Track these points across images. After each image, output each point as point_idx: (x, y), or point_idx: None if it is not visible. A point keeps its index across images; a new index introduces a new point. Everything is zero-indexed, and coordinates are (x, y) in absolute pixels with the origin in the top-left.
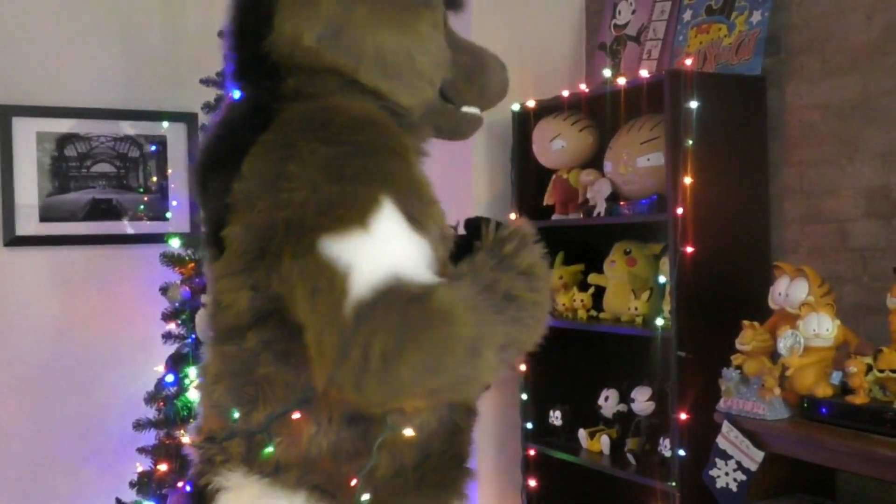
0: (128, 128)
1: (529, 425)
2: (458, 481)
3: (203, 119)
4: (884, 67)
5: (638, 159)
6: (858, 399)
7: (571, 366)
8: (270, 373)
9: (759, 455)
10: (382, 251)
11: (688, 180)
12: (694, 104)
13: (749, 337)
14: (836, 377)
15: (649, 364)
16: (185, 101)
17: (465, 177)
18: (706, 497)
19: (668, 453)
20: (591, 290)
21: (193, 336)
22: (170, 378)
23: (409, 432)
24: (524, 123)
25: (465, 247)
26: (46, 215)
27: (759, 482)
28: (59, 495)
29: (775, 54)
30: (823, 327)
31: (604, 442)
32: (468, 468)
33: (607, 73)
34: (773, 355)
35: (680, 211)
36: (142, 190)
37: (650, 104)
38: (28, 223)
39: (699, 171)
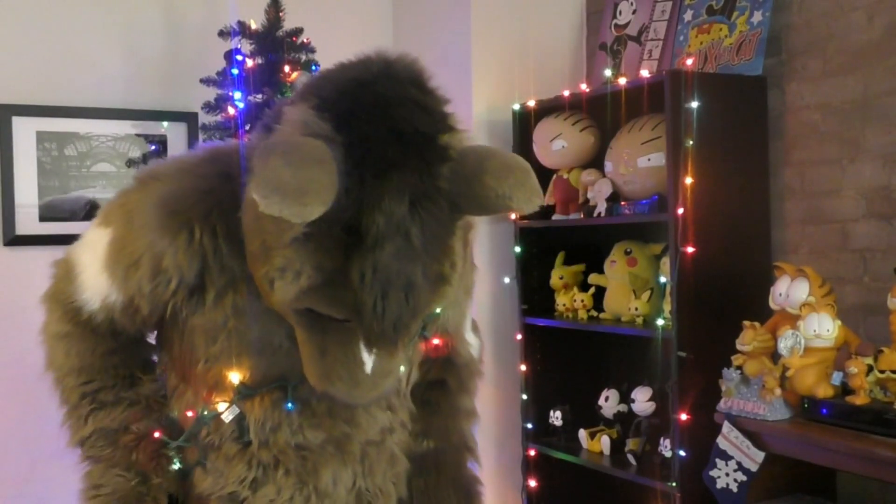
0: (128, 127)
1: (530, 425)
2: None
3: (203, 119)
4: (885, 67)
5: (638, 159)
6: (859, 400)
7: (572, 366)
8: None
9: (760, 455)
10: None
11: (688, 180)
12: (695, 104)
13: (750, 337)
14: (837, 378)
15: (650, 364)
16: (185, 100)
17: None
18: (707, 497)
19: (668, 453)
20: (592, 290)
21: None
22: None
23: None
24: (525, 123)
25: None
26: (46, 215)
27: (760, 482)
28: (59, 495)
29: (776, 54)
30: (824, 328)
31: (604, 442)
32: None
33: (608, 73)
34: (774, 356)
35: (681, 211)
36: None
37: (651, 104)
38: (28, 223)
39: (700, 172)
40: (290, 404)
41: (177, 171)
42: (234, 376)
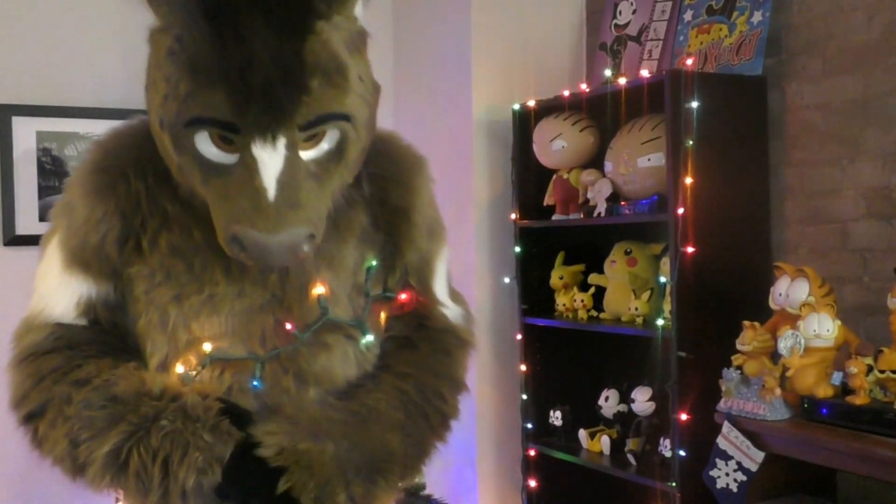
0: None
1: (529, 425)
2: None
3: None
4: (885, 67)
5: (638, 159)
6: (859, 399)
7: (571, 366)
8: None
9: (760, 455)
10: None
11: (688, 180)
12: (695, 104)
13: (750, 337)
14: (837, 378)
15: (650, 364)
16: None
17: (466, 177)
18: (706, 497)
19: (668, 453)
20: (592, 290)
21: None
22: None
23: None
24: (525, 123)
25: None
26: (46, 215)
27: (760, 482)
28: (59, 495)
29: (776, 54)
30: (824, 328)
31: (604, 442)
32: None
33: (608, 73)
34: (774, 356)
35: (681, 211)
36: None
37: (651, 104)
38: (28, 222)
39: (700, 172)
40: (256, 382)
41: (106, 137)
42: (207, 346)
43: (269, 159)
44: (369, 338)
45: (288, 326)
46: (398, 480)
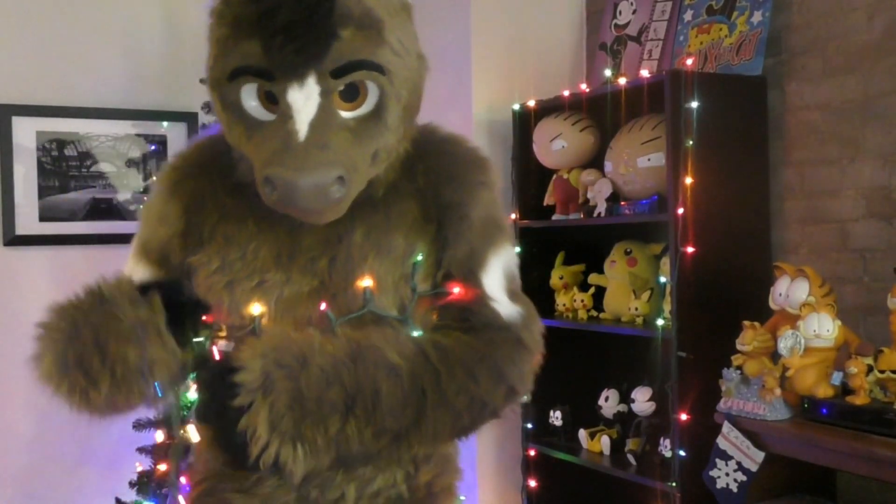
0: (128, 127)
1: (529, 425)
2: None
3: (203, 119)
4: (885, 67)
5: (638, 159)
6: (859, 399)
7: (572, 366)
8: None
9: (760, 455)
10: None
11: (688, 180)
12: (695, 104)
13: (750, 337)
14: (837, 378)
15: (650, 364)
16: (185, 100)
17: None
18: (707, 497)
19: (668, 454)
20: (592, 290)
21: None
22: None
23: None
24: (525, 123)
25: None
26: (46, 215)
27: (760, 482)
28: (59, 495)
29: (776, 54)
30: (824, 328)
31: (604, 442)
32: None
33: (608, 73)
34: (774, 356)
35: (680, 211)
36: (142, 190)
37: (651, 104)
38: (28, 223)
39: (700, 172)
40: None
41: (186, 147)
42: (256, 307)
43: (303, 105)
44: (416, 334)
45: (322, 307)
46: (377, 427)
